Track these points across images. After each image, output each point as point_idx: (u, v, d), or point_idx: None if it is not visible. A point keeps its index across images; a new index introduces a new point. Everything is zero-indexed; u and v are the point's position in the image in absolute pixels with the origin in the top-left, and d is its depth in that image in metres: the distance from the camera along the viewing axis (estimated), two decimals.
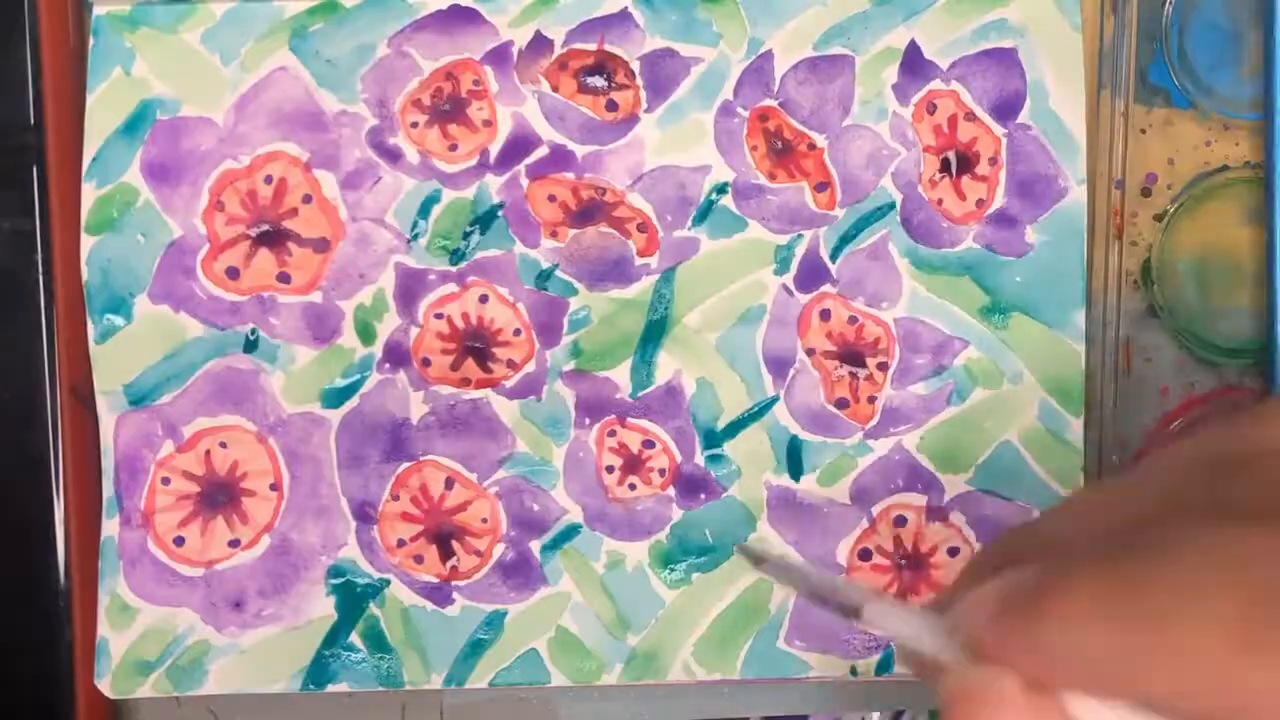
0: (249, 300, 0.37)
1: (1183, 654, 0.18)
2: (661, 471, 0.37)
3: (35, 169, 0.36)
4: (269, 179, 0.37)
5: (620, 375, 0.37)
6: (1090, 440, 0.37)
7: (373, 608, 0.37)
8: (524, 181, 0.37)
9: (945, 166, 0.37)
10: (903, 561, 0.36)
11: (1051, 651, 0.19)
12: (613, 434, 0.37)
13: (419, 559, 0.37)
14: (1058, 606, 0.19)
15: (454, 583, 0.37)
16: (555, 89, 0.37)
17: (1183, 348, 0.37)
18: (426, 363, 0.37)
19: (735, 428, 0.37)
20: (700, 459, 0.37)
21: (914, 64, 0.37)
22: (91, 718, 0.37)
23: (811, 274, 0.37)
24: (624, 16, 0.37)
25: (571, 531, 0.37)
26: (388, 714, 0.38)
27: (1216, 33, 0.37)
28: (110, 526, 0.37)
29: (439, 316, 0.37)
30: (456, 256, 0.37)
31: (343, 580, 0.37)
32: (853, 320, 0.37)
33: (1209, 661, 0.17)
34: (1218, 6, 0.37)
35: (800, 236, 0.37)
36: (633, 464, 0.37)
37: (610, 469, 0.37)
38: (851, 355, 0.37)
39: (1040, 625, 0.19)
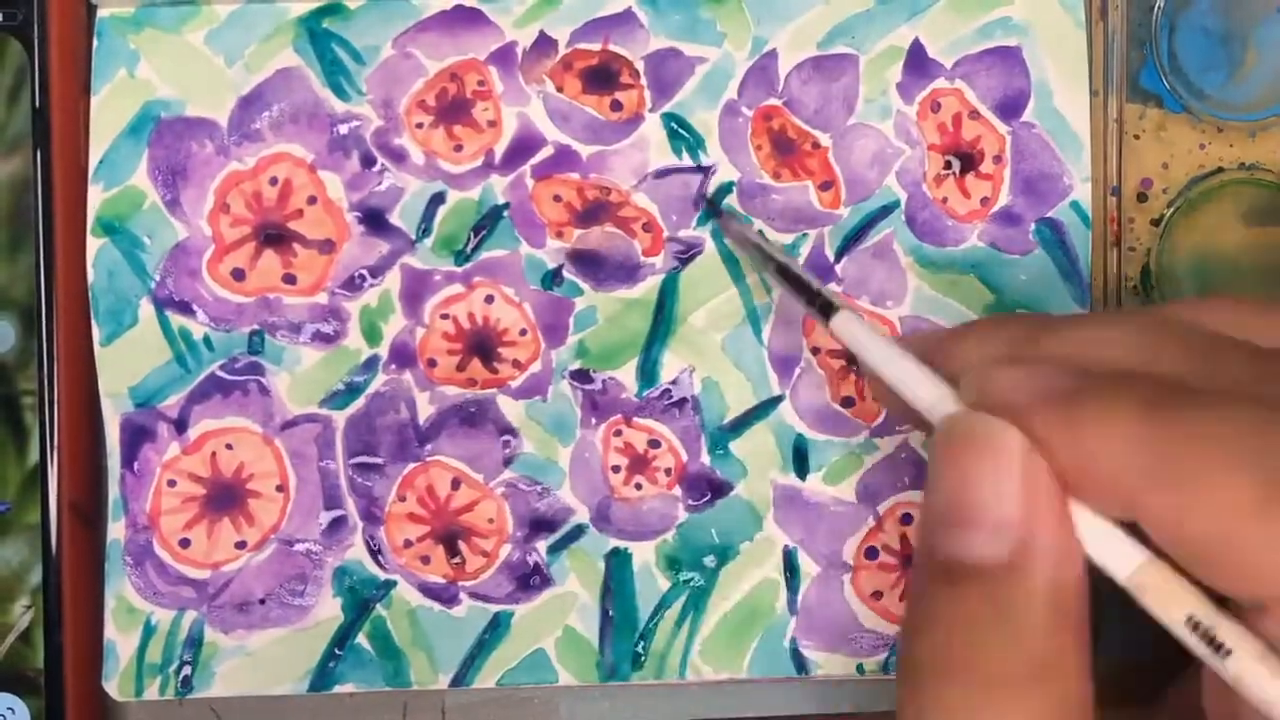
0: (254, 301, 0.37)
1: (1206, 499, 0.20)
2: (668, 471, 0.37)
3: (37, 170, 0.36)
4: (274, 180, 0.37)
5: (626, 375, 0.37)
6: None
7: (379, 609, 0.37)
8: (529, 182, 0.37)
9: (949, 165, 0.37)
10: (909, 560, 0.36)
11: (1085, 450, 0.21)
12: (619, 434, 0.37)
13: (426, 560, 0.37)
14: (1102, 415, 0.21)
15: (461, 583, 0.37)
16: (560, 89, 0.37)
17: None
18: (432, 363, 0.37)
19: (741, 427, 0.37)
20: (706, 458, 0.37)
21: (918, 63, 0.37)
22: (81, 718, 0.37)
23: (816, 273, 0.37)
24: (628, 16, 0.37)
25: (578, 531, 0.37)
26: (389, 713, 0.38)
27: (1206, 36, 0.37)
28: (116, 529, 0.37)
29: (445, 317, 0.37)
30: (462, 257, 0.37)
31: (349, 581, 0.37)
32: None
33: (1227, 513, 0.20)
34: (1206, 9, 0.37)
35: (805, 236, 0.37)
36: (639, 464, 0.37)
37: (616, 469, 0.37)
38: None
39: (1082, 424, 0.21)
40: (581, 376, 0.37)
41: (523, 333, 0.37)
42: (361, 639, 0.37)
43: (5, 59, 0.36)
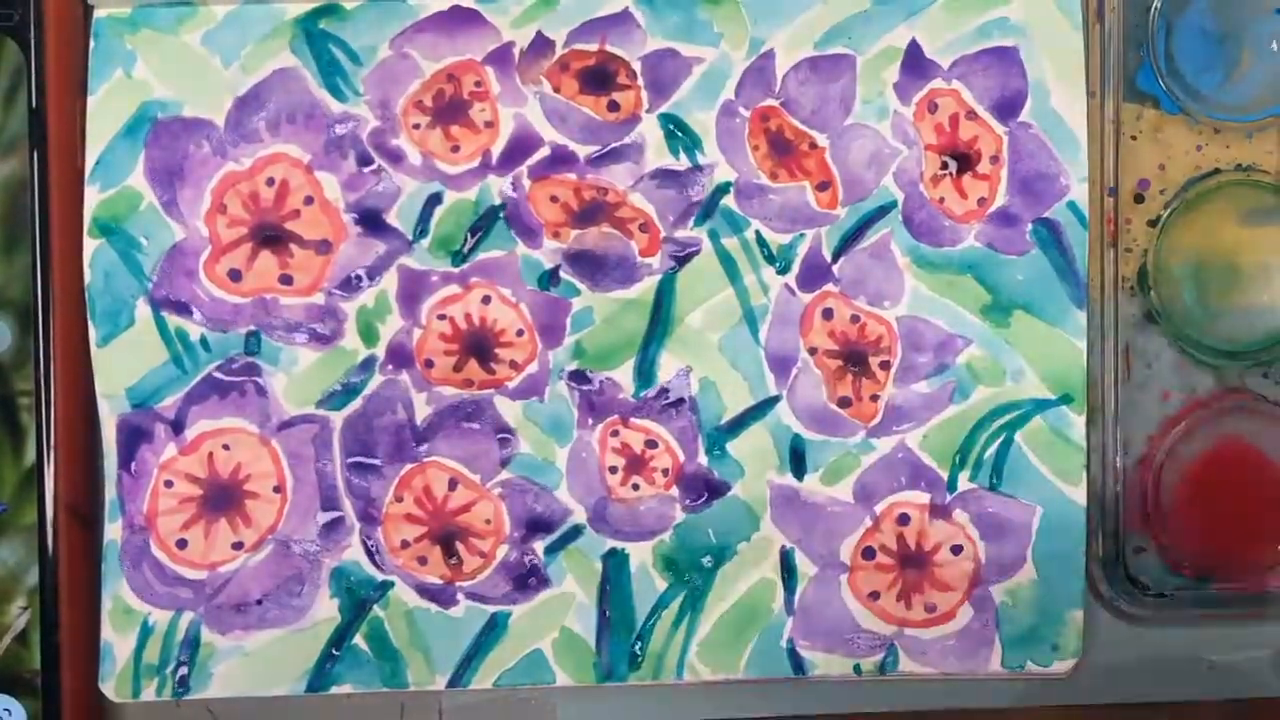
0: (251, 302, 0.37)
1: None
2: (664, 471, 0.37)
3: (33, 171, 0.36)
4: (271, 181, 0.37)
5: (623, 375, 0.37)
6: (1094, 446, 0.37)
7: (376, 609, 0.37)
8: (526, 182, 0.37)
9: (946, 165, 0.37)
10: (906, 560, 0.37)
11: None
12: (615, 434, 0.37)
13: (423, 560, 0.37)
14: None
15: (458, 584, 0.37)
16: (557, 90, 0.37)
17: (1183, 352, 0.37)
18: (429, 364, 0.37)
19: (738, 427, 0.37)
20: (703, 459, 0.37)
21: (915, 63, 0.37)
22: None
23: (813, 273, 0.37)
24: (625, 17, 0.37)
25: (575, 532, 0.37)
26: (386, 715, 0.38)
27: (1203, 37, 0.37)
28: (113, 530, 0.37)
29: (441, 318, 0.37)
30: (459, 258, 0.37)
31: (347, 582, 0.37)
32: (855, 319, 0.37)
33: None
34: (1203, 11, 0.37)
35: (802, 236, 0.37)
36: (636, 464, 0.37)
37: (613, 469, 0.37)
38: (854, 354, 0.37)
39: None
40: (578, 377, 0.37)
41: (520, 333, 0.37)
42: (359, 640, 0.37)
43: (2, 59, 0.36)
